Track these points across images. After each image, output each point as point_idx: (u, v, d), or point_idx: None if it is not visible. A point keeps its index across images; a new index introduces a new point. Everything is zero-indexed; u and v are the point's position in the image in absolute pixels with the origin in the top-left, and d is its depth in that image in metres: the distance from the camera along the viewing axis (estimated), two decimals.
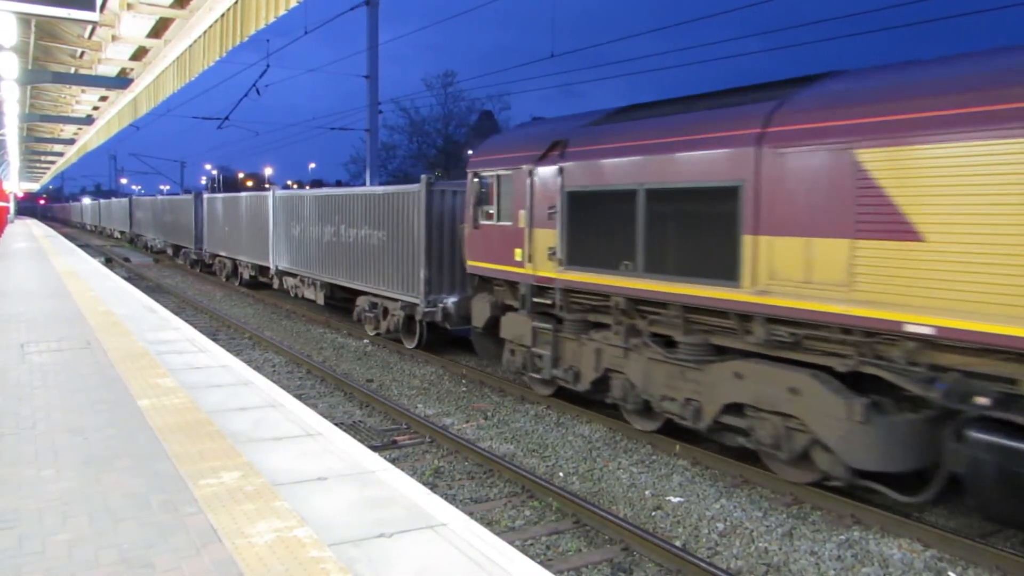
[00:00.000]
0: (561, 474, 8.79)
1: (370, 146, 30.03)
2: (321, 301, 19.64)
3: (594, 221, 9.99)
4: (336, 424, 7.19)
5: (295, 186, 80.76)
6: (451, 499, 7.73)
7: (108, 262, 33.17)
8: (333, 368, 14.17)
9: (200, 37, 11.01)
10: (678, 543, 6.94)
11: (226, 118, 31.76)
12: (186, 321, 13.50)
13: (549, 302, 10.97)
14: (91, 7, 7.64)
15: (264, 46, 27.64)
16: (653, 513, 7.70)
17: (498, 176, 11.88)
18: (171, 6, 10.38)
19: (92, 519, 4.38)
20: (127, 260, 38.73)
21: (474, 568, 3.85)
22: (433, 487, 7.98)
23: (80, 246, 38.44)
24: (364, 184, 30.93)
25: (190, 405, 6.83)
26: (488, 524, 7.16)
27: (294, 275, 21.00)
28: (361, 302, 17.10)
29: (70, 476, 5.04)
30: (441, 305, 14.29)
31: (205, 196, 30.65)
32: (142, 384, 7.58)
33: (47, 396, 7.09)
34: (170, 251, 37.31)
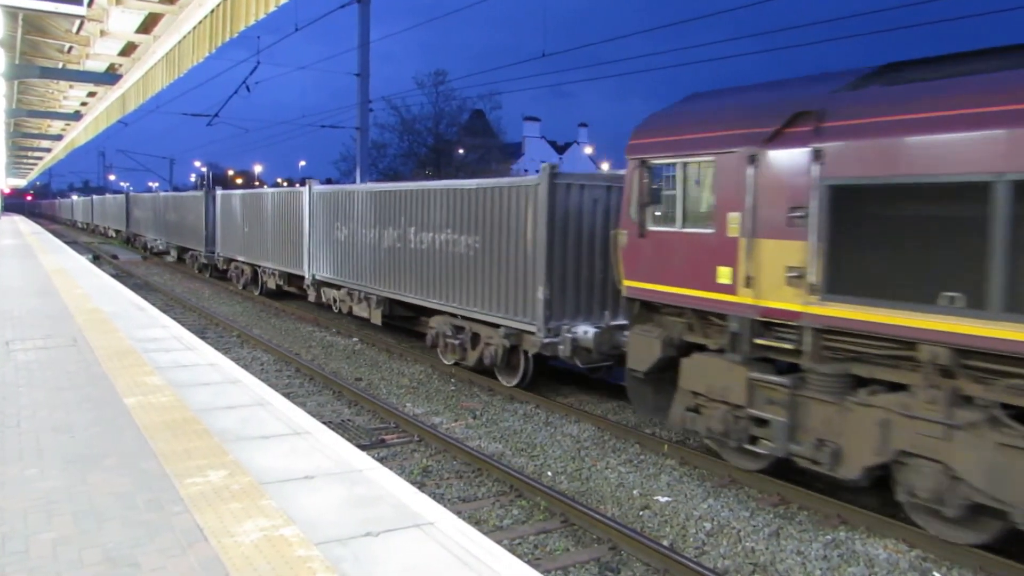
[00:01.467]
0: (549, 473, 8.80)
1: (360, 144, 29.99)
2: (378, 320, 16.10)
3: (883, 230, 6.90)
4: (324, 423, 7.17)
5: (285, 184, 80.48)
6: (439, 498, 7.73)
7: (96, 259, 32.97)
8: (322, 366, 14.13)
9: (189, 33, 10.96)
10: (666, 542, 6.96)
11: (216, 115, 31.65)
12: (174, 319, 13.44)
13: (783, 345, 7.77)
14: (79, 1, 7.60)
15: (254, 43, 27.53)
16: (641, 512, 7.72)
17: (685, 164, 8.73)
18: (160, 1, 10.34)
19: (77, 518, 4.35)
20: (115, 257, 38.52)
21: (461, 567, 3.85)
22: (421, 486, 7.97)
23: (68, 243, 38.19)
24: (354, 182, 30.56)
25: (177, 403, 6.80)
26: (476, 523, 7.16)
27: (338, 287, 17.67)
28: (438, 324, 13.77)
29: (55, 475, 5.01)
30: (569, 335, 10.86)
31: (219, 193, 27.17)
32: (129, 382, 7.54)
33: (32, 394, 7.05)
34: (173, 253, 34.38)
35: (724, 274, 8.15)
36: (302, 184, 21.70)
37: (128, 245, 46.12)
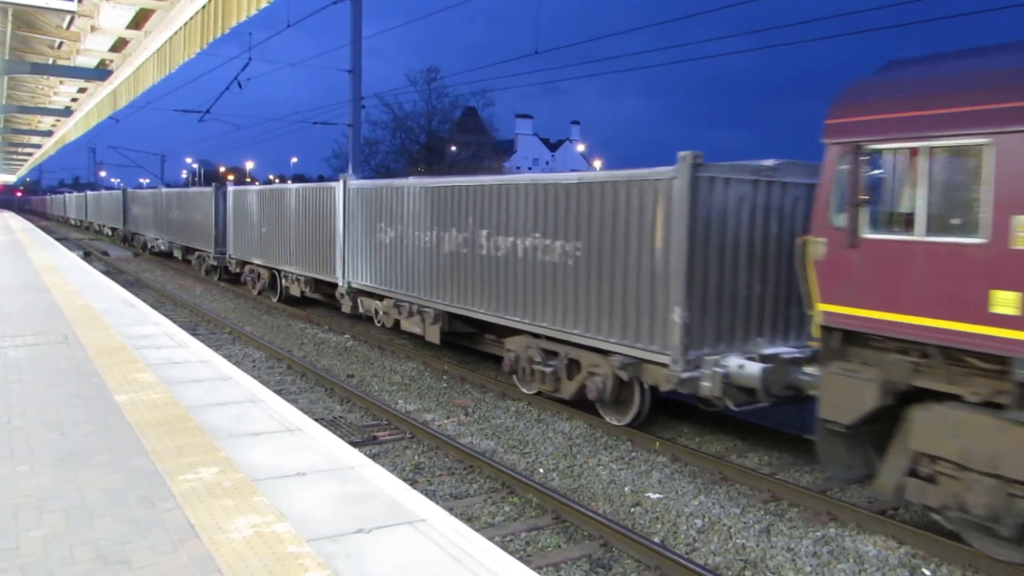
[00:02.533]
0: (541, 470, 8.82)
1: (353, 141, 29.90)
2: (435, 338, 13.48)
3: None
4: (316, 420, 7.17)
5: (277, 180, 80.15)
6: (431, 495, 7.73)
7: (87, 256, 32.82)
8: (314, 363, 14.11)
9: (181, 29, 10.93)
10: (657, 539, 6.98)
11: (207, 111, 31.47)
12: (165, 316, 13.40)
13: None
14: None
15: (246, 39, 27.42)
16: (632, 510, 7.74)
17: (932, 149, 6.51)
18: None
19: (68, 515, 4.34)
20: (106, 254, 38.35)
21: (453, 563, 3.86)
22: (413, 483, 7.97)
23: (59, 239, 38.02)
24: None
25: (168, 400, 6.79)
26: (468, 520, 7.17)
27: (381, 297, 15.26)
28: (521, 347, 11.44)
29: (46, 472, 4.99)
30: (719, 370, 8.60)
31: (231, 189, 24.78)
32: (120, 379, 7.52)
33: (23, 391, 7.02)
34: (177, 254, 31.93)
35: (1005, 301, 5.98)
36: (295, 181, 21.58)
37: (125, 244, 43.94)
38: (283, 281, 20.63)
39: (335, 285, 17.07)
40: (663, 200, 9.03)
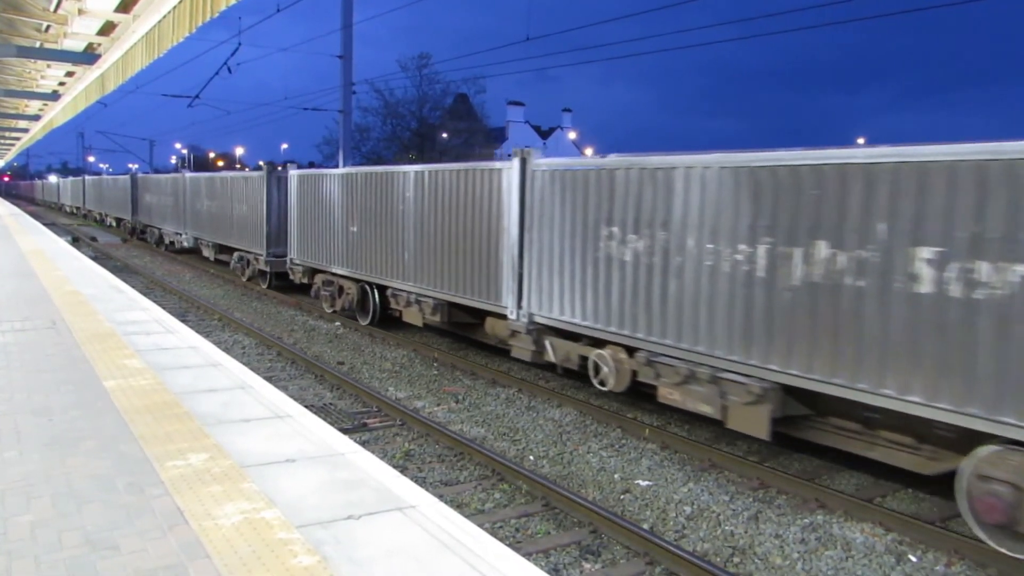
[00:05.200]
0: (531, 457, 8.84)
1: (344, 127, 29.77)
2: (763, 430, 8.01)
3: None
4: (306, 406, 7.15)
5: (279, 168, 79.59)
6: (421, 482, 7.74)
7: (75, 241, 32.62)
8: (304, 350, 14.09)
9: (169, 12, 10.81)
10: (646, 526, 7.02)
11: (196, 96, 31.26)
12: (155, 302, 13.34)
13: None
14: None
15: (236, 23, 27.22)
16: (622, 496, 7.77)
17: None
18: None
19: (56, 501, 4.32)
20: (94, 240, 38.13)
21: (443, 550, 3.86)
22: (403, 470, 7.98)
23: (47, 224, 37.76)
24: (336, 166, 29.68)
25: (158, 386, 6.76)
26: (458, 507, 7.19)
27: (599, 341, 10.14)
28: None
29: (34, 458, 4.97)
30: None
31: (294, 173, 19.13)
32: (109, 365, 7.48)
33: (10, 376, 6.98)
34: (208, 254, 26.68)
35: None
36: (284, 168, 20.41)
37: (134, 237, 38.75)
38: (388, 301, 15.06)
39: (496, 315, 12.00)
40: None
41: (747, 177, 8.10)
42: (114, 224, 44.30)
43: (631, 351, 9.62)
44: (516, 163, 11.32)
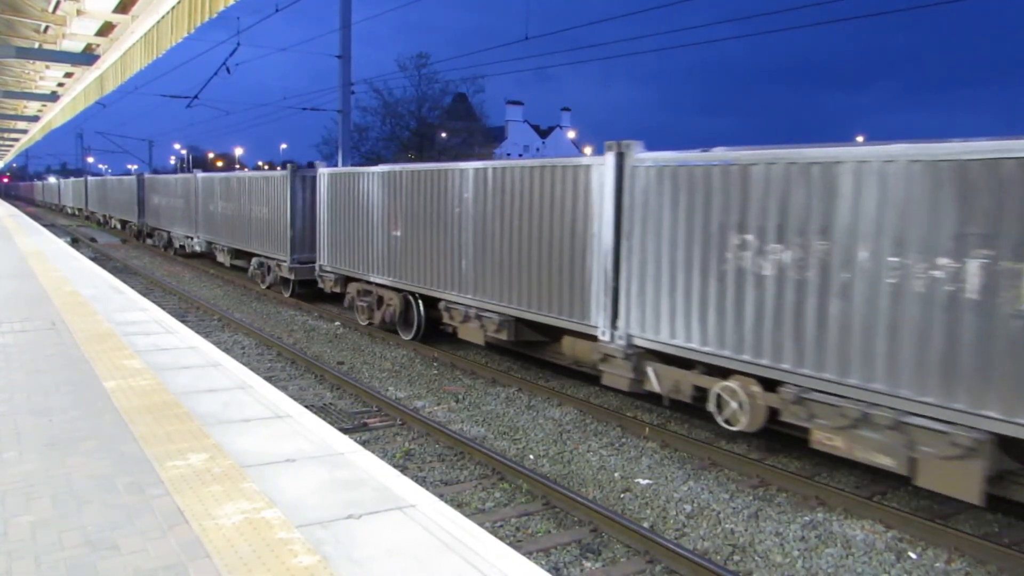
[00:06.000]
0: (531, 457, 8.84)
1: (343, 127, 29.74)
2: (974, 494, 6.43)
3: None
4: (306, 406, 7.16)
5: (266, 167, 79.50)
6: (421, 481, 7.75)
7: (74, 242, 32.61)
8: (303, 350, 14.09)
9: (168, 13, 10.81)
10: (646, 524, 7.02)
11: (195, 97, 31.22)
12: (154, 302, 13.34)
13: None
14: None
15: (234, 24, 27.21)
16: (622, 495, 7.78)
17: None
18: None
19: (56, 501, 4.32)
20: (93, 240, 38.13)
21: (443, 549, 3.87)
22: (403, 469, 7.98)
23: (46, 226, 37.75)
24: (336, 165, 29.30)
25: (157, 387, 6.76)
26: (458, 506, 7.19)
27: (724, 371, 8.54)
28: None
29: (33, 458, 4.97)
30: None
31: (324, 172, 17.45)
32: (108, 365, 7.48)
33: (10, 377, 6.98)
34: (223, 259, 24.94)
35: None
36: (283, 167, 20.20)
37: (139, 240, 37.28)
38: (440, 315, 13.31)
39: (580, 335, 10.40)
40: None
41: (952, 173, 6.48)
42: (119, 227, 42.67)
43: (768, 384, 8.02)
44: (610, 158, 9.57)
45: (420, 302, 14.11)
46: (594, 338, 9.93)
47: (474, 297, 12.22)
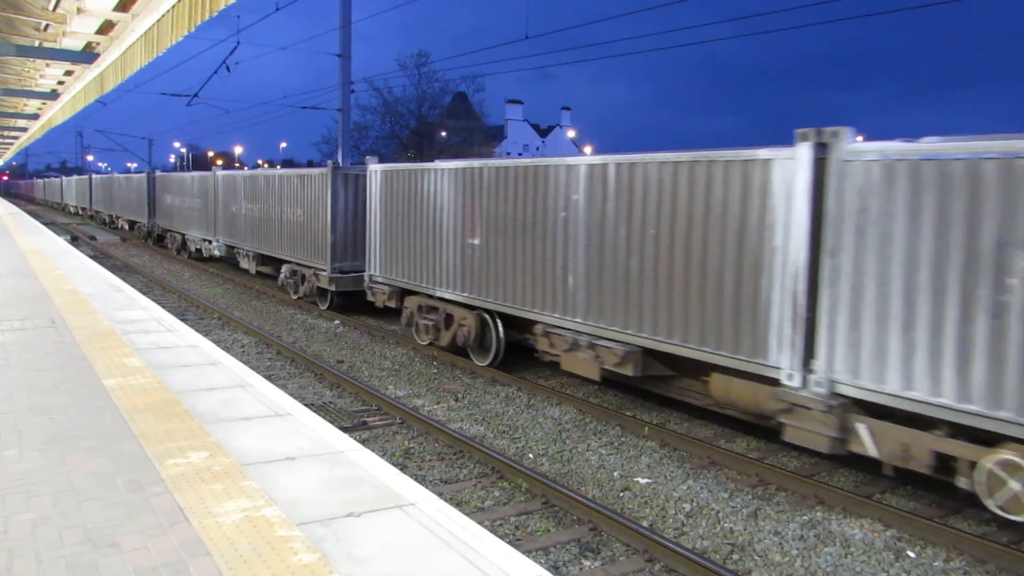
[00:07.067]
0: (531, 455, 8.85)
1: (342, 126, 29.75)
2: None
3: None
4: (306, 405, 7.16)
5: (266, 165, 79.42)
6: (421, 480, 7.76)
7: (74, 240, 32.61)
8: (303, 349, 14.09)
9: (168, 11, 10.81)
10: (645, 523, 7.03)
11: (195, 95, 31.23)
12: (154, 301, 13.34)
13: None
14: None
15: (234, 22, 27.23)
16: (621, 494, 7.78)
17: None
18: None
19: (56, 499, 4.33)
20: (93, 239, 38.13)
21: (442, 547, 3.87)
22: (403, 468, 7.99)
23: (46, 224, 37.74)
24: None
25: (157, 385, 6.77)
26: (457, 505, 7.20)
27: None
28: None
29: (33, 456, 4.98)
30: None
31: (376, 168, 15.31)
32: (108, 364, 7.49)
33: (9, 375, 6.99)
34: (247, 265, 22.59)
35: None
36: (285, 166, 20.04)
37: (150, 241, 35.14)
38: (533, 340, 11.45)
39: (747, 376, 8.25)
40: None
41: None
42: (126, 227, 40.62)
43: None
44: (804, 150, 7.46)
45: (497, 321, 12.16)
46: (771, 381, 7.86)
47: (585, 322, 10.13)
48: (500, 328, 12.11)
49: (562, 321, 10.52)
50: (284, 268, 19.76)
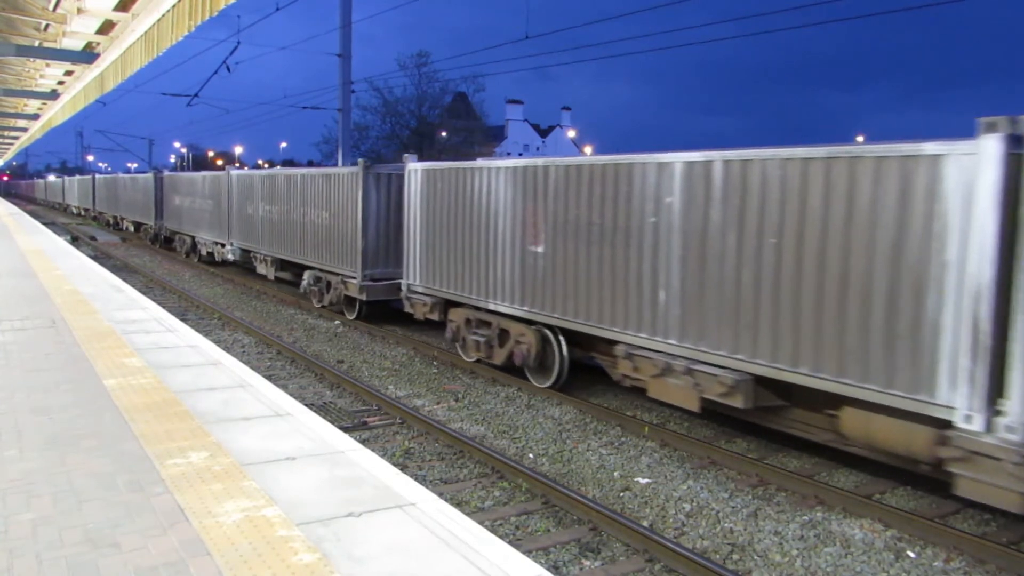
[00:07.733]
0: (531, 455, 8.85)
1: (343, 126, 29.76)
2: None
3: None
4: (306, 405, 7.16)
5: (266, 165, 79.46)
6: (421, 480, 7.76)
7: (74, 240, 32.61)
8: (303, 349, 14.09)
9: (168, 11, 10.81)
10: (645, 523, 7.03)
11: (195, 95, 31.26)
12: (154, 301, 13.34)
13: None
14: None
15: (235, 22, 27.27)
16: (621, 494, 7.78)
17: None
18: None
19: (56, 499, 4.33)
20: (93, 239, 38.14)
21: (443, 547, 3.88)
22: (403, 468, 7.99)
23: (46, 224, 37.74)
24: (336, 164, 29.02)
25: (157, 385, 6.77)
26: (458, 505, 7.20)
27: None
28: None
29: (34, 456, 4.98)
30: None
31: (417, 167, 14.06)
32: (108, 364, 7.49)
33: (10, 375, 6.98)
34: (264, 270, 21.53)
35: None
36: (285, 166, 19.93)
37: (156, 244, 33.81)
38: (615, 364, 9.92)
39: (882, 409, 7.02)
40: None
41: None
42: (132, 229, 39.23)
43: None
44: (991, 143, 6.13)
45: (560, 338, 10.96)
46: (935, 421, 6.56)
47: (681, 343, 8.81)
48: (564, 346, 10.94)
49: (651, 342, 9.17)
50: (307, 274, 18.57)
